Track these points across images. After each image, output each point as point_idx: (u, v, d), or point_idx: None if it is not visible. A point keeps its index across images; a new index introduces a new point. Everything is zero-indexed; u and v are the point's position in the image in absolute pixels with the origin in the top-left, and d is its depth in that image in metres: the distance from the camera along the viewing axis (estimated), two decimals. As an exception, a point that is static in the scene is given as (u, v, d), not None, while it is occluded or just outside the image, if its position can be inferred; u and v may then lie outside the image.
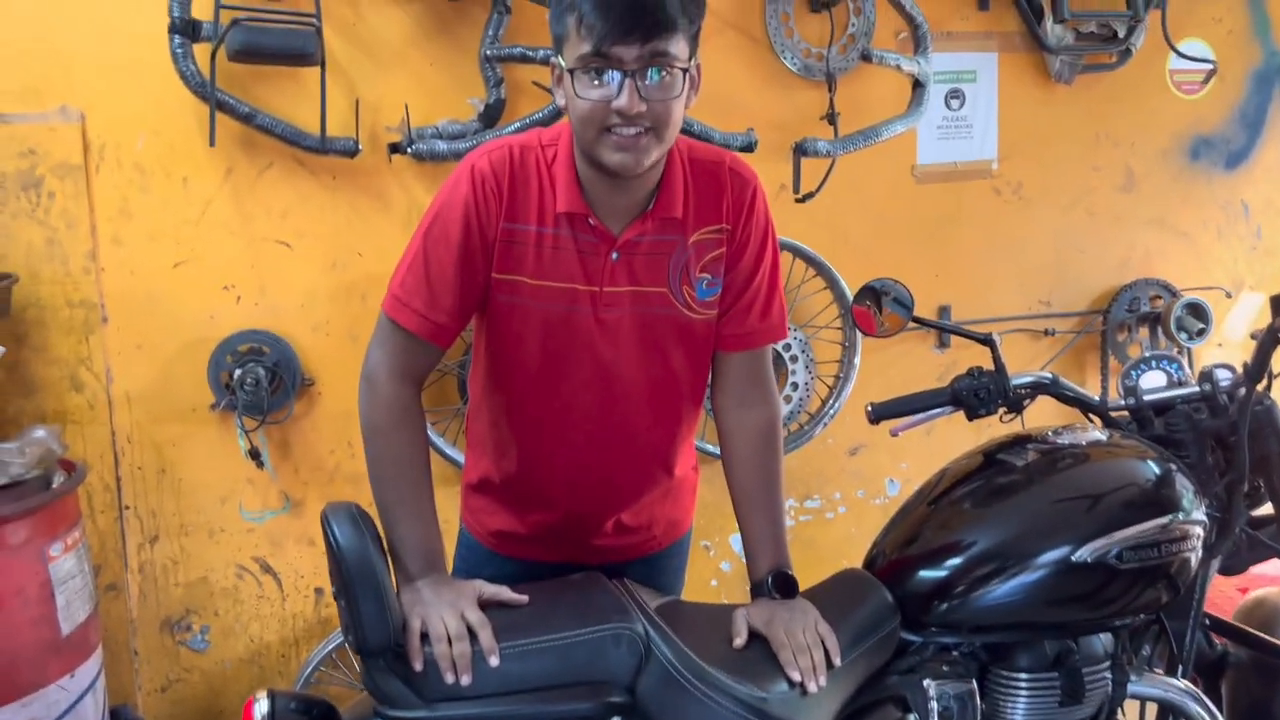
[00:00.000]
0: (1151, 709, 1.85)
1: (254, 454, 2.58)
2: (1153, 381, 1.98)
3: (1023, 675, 1.67)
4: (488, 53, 2.58)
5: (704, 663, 1.47)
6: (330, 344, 2.66)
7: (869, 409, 1.92)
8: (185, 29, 2.31)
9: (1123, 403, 1.91)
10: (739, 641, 1.55)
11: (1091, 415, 1.93)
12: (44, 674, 1.97)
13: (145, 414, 2.56)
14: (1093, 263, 3.33)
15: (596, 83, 1.44)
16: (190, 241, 2.54)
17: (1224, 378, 1.85)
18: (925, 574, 1.68)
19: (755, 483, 1.69)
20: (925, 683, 1.65)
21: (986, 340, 1.91)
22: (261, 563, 2.71)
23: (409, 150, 2.54)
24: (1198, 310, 3.21)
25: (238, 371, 2.52)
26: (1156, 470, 1.71)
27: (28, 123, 2.39)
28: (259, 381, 2.51)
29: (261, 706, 1.37)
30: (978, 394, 1.87)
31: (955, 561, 1.66)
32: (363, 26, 2.57)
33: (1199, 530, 1.68)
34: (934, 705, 1.60)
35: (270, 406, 2.57)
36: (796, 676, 1.49)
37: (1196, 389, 1.86)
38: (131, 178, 2.49)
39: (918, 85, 2.89)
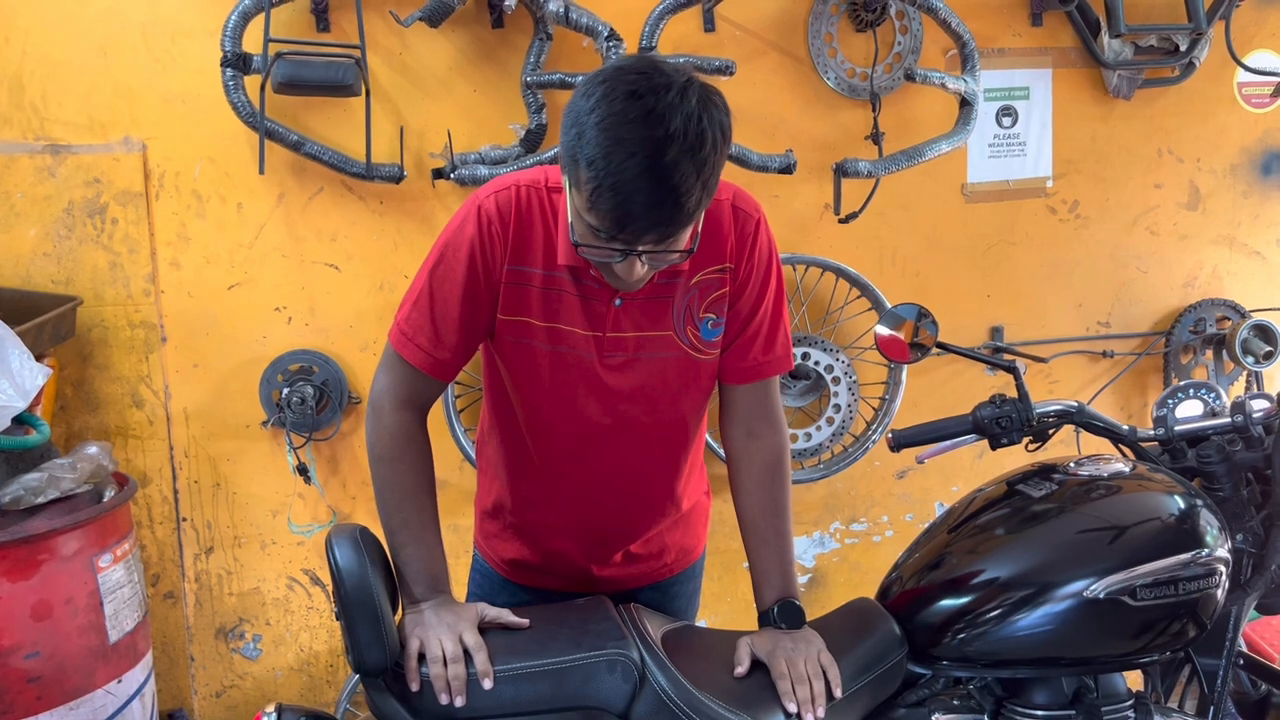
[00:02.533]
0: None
1: (302, 470, 2.67)
2: (1189, 411, 1.91)
3: (1038, 713, 1.64)
4: (529, 79, 2.63)
5: (699, 691, 1.48)
6: (376, 363, 2.71)
7: (889, 436, 1.90)
8: (236, 62, 2.41)
9: (1153, 433, 1.85)
10: (740, 670, 1.55)
11: (1121, 446, 1.88)
12: (91, 679, 2.07)
13: (201, 430, 2.67)
14: (1155, 283, 3.23)
15: (599, 245, 1.40)
16: (244, 265, 2.65)
17: (1259, 409, 1.78)
18: (938, 604, 1.65)
19: (762, 513, 1.69)
20: (934, 717, 1.64)
21: (1010, 368, 1.88)
22: (311, 575, 2.80)
23: (452, 176, 2.60)
24: (1265, 332, 3.07)
25: (286, 390, 2.62)
26: (1180, 504, 1.66)
27: (93, 153, 2.53)
28: (304, 400, 2.60)
29: None
30: (999, 422, 1.84)
31: (969, 592, 1.64)
32: (408, 55, 2.64)
33: (1223, 567, 1.62)
34: (942, 739, 1.58)
35: (318, 424, 2.66)
36: (793, 708, 1.49)
37: (1229, 420, 1.79)
38: (189, 204, 2.60)
39: (965, 104, 2.84)
